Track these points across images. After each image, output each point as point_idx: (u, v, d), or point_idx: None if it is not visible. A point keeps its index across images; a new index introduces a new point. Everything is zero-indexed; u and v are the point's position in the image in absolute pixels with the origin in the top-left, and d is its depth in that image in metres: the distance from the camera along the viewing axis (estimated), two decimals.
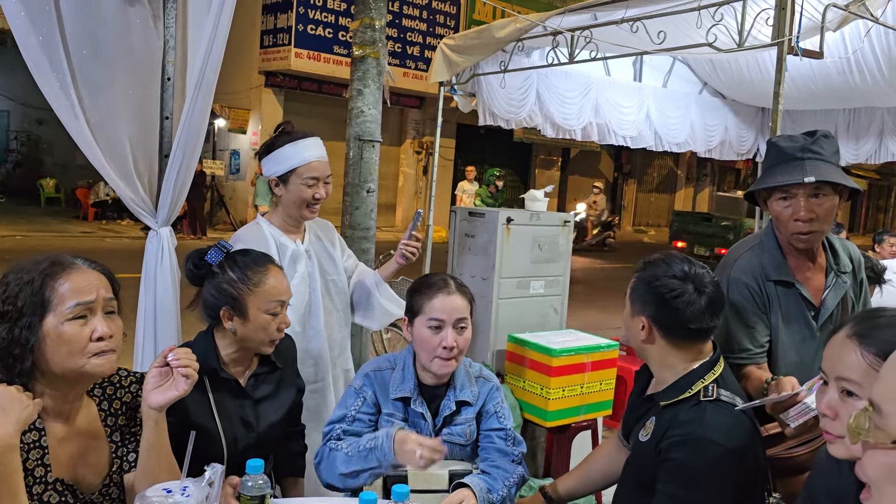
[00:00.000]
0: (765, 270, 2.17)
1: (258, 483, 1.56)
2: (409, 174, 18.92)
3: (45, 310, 1.48)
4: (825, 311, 2.19)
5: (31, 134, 17.71)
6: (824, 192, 2.06)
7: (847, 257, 2.27)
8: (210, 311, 2.03)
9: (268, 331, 2.00)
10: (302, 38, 15.02)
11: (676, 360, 1.85)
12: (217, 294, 1.99)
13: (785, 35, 3.38)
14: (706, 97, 6.85)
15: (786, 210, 2.09)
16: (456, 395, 2.15)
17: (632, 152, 22.56)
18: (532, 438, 3.65)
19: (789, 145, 2.09)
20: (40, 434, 1.51)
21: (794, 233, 2.10)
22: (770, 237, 2.22)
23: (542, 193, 4.06)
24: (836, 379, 1.30)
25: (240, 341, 2.01)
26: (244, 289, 1.97)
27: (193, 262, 2.05)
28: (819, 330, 2.18)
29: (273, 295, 2.00)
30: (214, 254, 2.03)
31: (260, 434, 2.05)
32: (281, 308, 2.02)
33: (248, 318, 1.97)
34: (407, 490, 1.58)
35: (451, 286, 2.10)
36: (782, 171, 2.08)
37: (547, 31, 4.56)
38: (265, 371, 2.12)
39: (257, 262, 2.03)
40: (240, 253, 2.06)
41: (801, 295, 2.16)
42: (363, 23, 3.66)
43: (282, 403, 2.14)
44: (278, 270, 2.06)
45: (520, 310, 3.88)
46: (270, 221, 2.63)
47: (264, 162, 2.59)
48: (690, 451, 1.70)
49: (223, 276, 1.99)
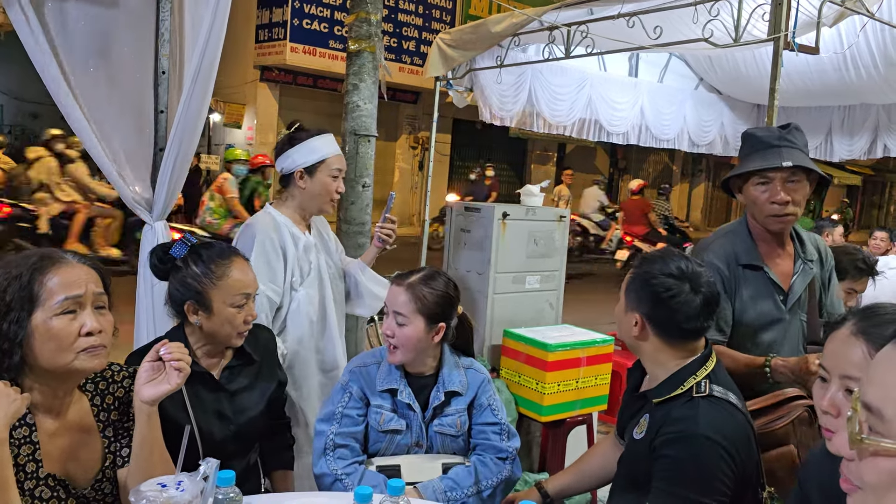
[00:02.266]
0: (736, 255, 2.28)
1: (229, 495, 1.51)
2: (405, 169, 18.89)
3: (34, 304, 1.47)
4: (793, 296, 2.30)
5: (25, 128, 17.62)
6: (798, 179, 2.19)
7: (813, 247, 2.40)
8: (175, 305, 2.01)
9: (234, 324, 1.99)
10: (297, 33, 14.96)
11: (668, 358, 1.85)
12: (181, 288, 1.98)
13: (781, 30, 3.38)
14: (702, 93, 6.85)
15: (763, 194, 2.21)
16: (445, 385, 2.16)
17: (627, 148, 22.52)
18: (527, 433, 3.66)
19: (766, 134, 2.23)
20: (31, 429, 1.50)
21: (770, 215, 2.22)
22: (742, 225, 2.35)
23: (538, 188, 4.05)
24: (840, 377, 1.29)
25: (206, 335, 2.01)
26: (207, 282, 1.96)
27: (158, 256, 2.04)
28: (788, 312, 2.29)
29: (237, 288, 1.98)
30: (179, 247, 2.01)
31: (239, 426, 2.04)
32: (247, 300, 2.01)
33: (212, 311, 1.97)
34: (402, 484, 1.58)
35: (402, 280, 2.15)
36: (760, 158, 2.20)
37: (543, 25, 4.55)
38: (240, 363, 2.11)
39: (221, 255, 2.01)
40: (204, 246, 2.04)
41: (770, 278, 2.27)
42: (359, 17, 3.65)
43: (260, 396, 2.13)
44: (243, 262, 2.05)
45: (515, 305, 3.88)
46: (280, 212, 2.63)
47: (288, 154, 2.58)
48: (684, 447, 1.70)
49: (186, 271, 1.98)
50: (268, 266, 2.48)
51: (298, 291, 2.58)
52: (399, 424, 2.12)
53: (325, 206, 2.65)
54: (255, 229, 2.52)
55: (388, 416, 2.12)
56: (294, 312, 2.58)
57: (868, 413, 0.90)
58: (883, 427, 0.88)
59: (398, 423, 2.12)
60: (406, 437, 2.14)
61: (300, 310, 2.59)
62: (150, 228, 2.64)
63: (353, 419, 2.12)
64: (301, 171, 2.58)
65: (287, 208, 2.64)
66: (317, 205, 2.64)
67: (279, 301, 2.55)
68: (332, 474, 2.04)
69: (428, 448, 2.16)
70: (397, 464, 2.11)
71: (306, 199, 2.62)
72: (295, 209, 2.64)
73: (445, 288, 2.16)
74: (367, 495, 1.50)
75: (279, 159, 2.61)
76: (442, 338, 2.17)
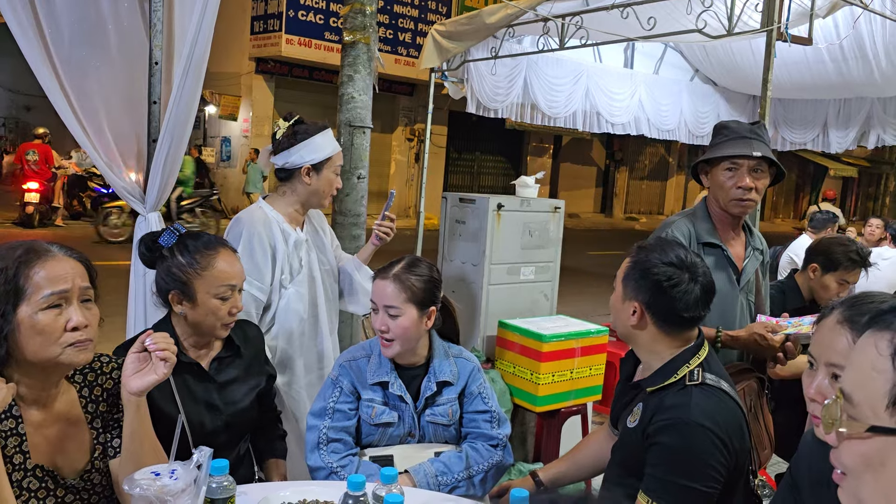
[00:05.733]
0: (697, 234, 2.48)
1: (223, 484, 1.52)
2: (401, 161, 18.87)
3: (19, 298, 1.45)
4: (745, 276, 2.54)
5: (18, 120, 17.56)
6: (763, 170, 2.42)
7: (759, 240, 2.65)
8: (161, 294, 2.01)
9: (218, 315, 1.98)
10: (293, 24, 14.91)
11: (663, 347, 1.86)
12: (167, 277, 1.98)
13: (774, 21, 3.38)
14: (698, 84, 6.85)
15: (730, 180, 2.42)
16: (436, 375, 2.17)
17: (624, 140, 22.56)
18: (522, 423, 3.67)
19: (738, 126, 2.46)
20: (17, 421, 1.50)
21: (734, 199, 2.43)
22: (702, 209, 2.55)
23: (533, 180, 4.06)
24: (826, 364, 1.31)
25: (191, 326, 2.01)
26: (192, 272, 1.95)
27: (146, 244, 2.04)
28: (739, 291, 2.51)
29: (221, 279, 1.98)
30: (168, 236, 2.01)
31: (228, 417, 2.05)
32: (232, 292, 2.00)
33: (196, 302, 1.96)
34: (395, 473, 1.59)
35: (386, 273, 2.14)
36: (732, 146, 2.42)
37: (538, 16, 4.55)
38: (229, 355, 2.11)
39: (208, 245, 2.00)
40: (191, 236, 2.04)
41: (727, 256, 2.48)
42: (354, 8, 3.63)
43: (250, 389, 2.13)
44: (230, 254, 2.04)
45: (510, 296, 3.89)
46: (273, 207, 2.61)
47: (295, 150, 2.53)
48: (677, 434, 1.71)
49: (172, 260, 1.97)
50: (253, 263, 2.46)
51: (288, 289, 2.57)
52: (391, 417, 2.13)
53: (324, 201, 2.66)
54: (244, 225, 2.50)
55: (379, 409, 2.12)
56: (283, 310, 2.57)
57: (843, 399, 0.92)
58: (854, 411, 0.90)
59: (390, 416, 2.13)
60: (398, 428, 2.15)
61: (289, 307, 2.57)
62: (144, 219, 2.63)
63: (345, 413, 2.13)
64: (308, 167, 2.55)
65: (283, 204, 2.61)
66: (318, 200, 2.64)
67: (265, 299, 2.53)
68: (327, 467, 2.05)
69: (420, 438, 2.17)
70: (390, 454, 2.12)
71: (309, 195, 2.61)
72: (292, 204, 2.62)
73: (430, 272, 2.17)
74: (361, 483, 1.51)
75: (282, 154, 2.55)
76: (432, 324, 2.18)
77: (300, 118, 2.61)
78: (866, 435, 0.88)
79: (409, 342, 2.13)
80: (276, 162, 2.59)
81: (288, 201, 2.62)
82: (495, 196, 3.83)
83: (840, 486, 0.96)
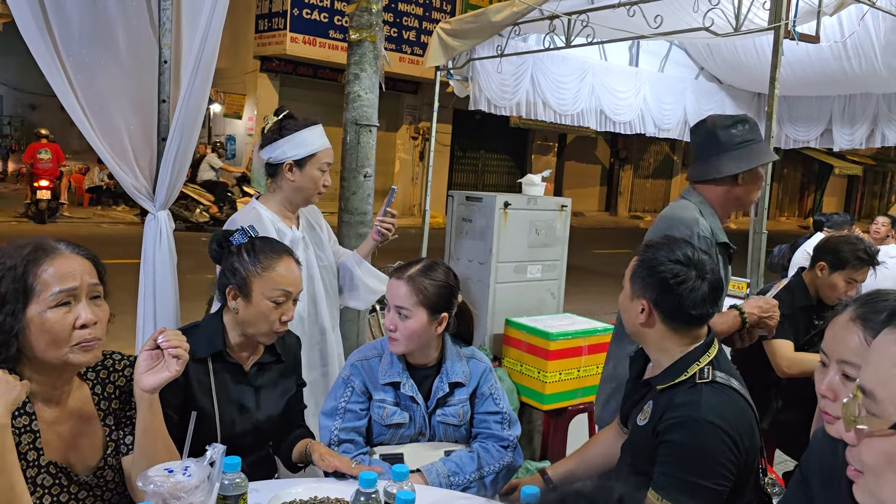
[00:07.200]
0: (715, 234, 2.45)
1: (235, 481, 1.53)
2: (406, 160, 18.87)
3: (29, 297, 1.46)
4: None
5: (24, 119, 17.61)
6: None
7: None
8: (220, 288, 2.05)
9: (269, 319, 1.99)
10: (297, 23, 14.92)
11: (673, 345, 1.86)
12: (229, 272, 2.02)
13: (782, 19, 3.38)
14: (702, 82, 6.84)
15: (760, 180, 2.51)
16: (448, 376, 2.17)
17: (628, 138, 22.52)
18: (529, 421, 3.68)
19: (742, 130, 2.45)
20: (31, 418, 1.51)
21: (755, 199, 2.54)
22: (707, 206, 2.50)
23: (540, 178, 4.06)
24: (837, 361, 1.31)
25: (241, 324, 2.02)
26: (252, 270, 1.98)
27: (218, 240, 2.08)
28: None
29: (278, 282, 1.99)
30: (240, 236, 2.06)
31: (259, 422, 2.06)
32: (286, 299, 2.01)
33: (250, 300, 1.98)
34: (406, 470, 1.60)
35: (402, 273, 2.15)
36: (766, 150, 2.48)
37: (544, 14, 4.55)
38: (270, 361, 2.13)
39: (273, 248, 2.04)
40: (261, 239, 2.07)
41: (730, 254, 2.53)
42: (360, 6, 3.64)
43: (281, 395, 2.15)
44: (292, 262, 2.05)
45: (517, 294, 3.89)
46: (266, 206, 2.60)
47: (278, 144, 2.53)
48: (687, 432, 1.71)
49: (238, 257, 2.01)
50: None
51: None
52: (402, 418, 2.13)
53: (311, 198, 2.63)
54: (235, 224, 2.50)
55: (391, 409, 2.13)
56: None
57: (864, 396, 0.92)
58: (876, 408, 0.90)
59: (401, 417, 2.13)
60: (409, 428, 2.15)
61: None
62: (153, 218, 2.64)
63: (356, 414, 2.13)
64: (290, 163, 2.54)
65: (274, 202, 2.61)
66: (303, 197, 2.61)
67: None
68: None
69: (430, 437, 2.17)
70: (400, 452, 2.12)
71: (293, 192, 2.59)
72: (281, 202, 2.61)
73: (445, 278, 2.16)
74: (372, 480, 1.52)
75: (267, 148, 2.56)
76: (444, 328, 2.17)
77: (290, 113, 2.59)
78: (889, 432, 0.88)
79: (415, 343, 2.13)
80: (262, 156, 2.59)
81: (277, 199, 2.61)
82: (502, 194, 3.83)
83: (856, 484, 0.96)
